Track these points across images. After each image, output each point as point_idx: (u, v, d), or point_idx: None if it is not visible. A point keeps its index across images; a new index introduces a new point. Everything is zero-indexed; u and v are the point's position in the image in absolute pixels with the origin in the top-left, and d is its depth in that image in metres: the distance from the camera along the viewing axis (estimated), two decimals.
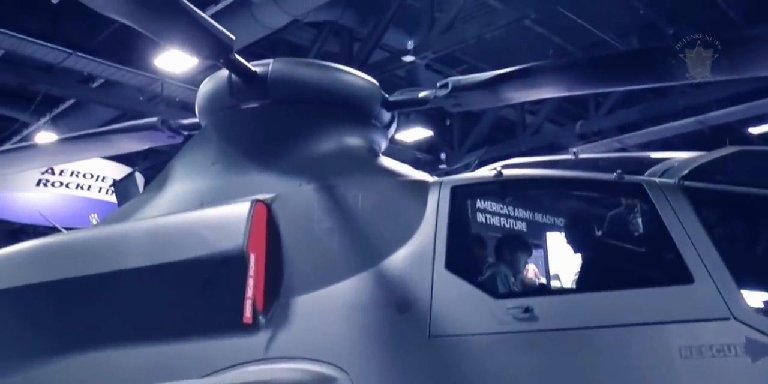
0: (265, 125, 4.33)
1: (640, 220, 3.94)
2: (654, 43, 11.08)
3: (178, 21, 3.58)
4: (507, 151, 14.38)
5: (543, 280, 7.35)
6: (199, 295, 3.58)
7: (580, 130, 14.04)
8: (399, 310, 3.23)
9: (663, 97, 12.98)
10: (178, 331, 3.57)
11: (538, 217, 12.97)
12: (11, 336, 4.09)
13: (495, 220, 11.56)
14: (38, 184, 14.57)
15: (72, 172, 14.63)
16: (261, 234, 3.57)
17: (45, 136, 12.58)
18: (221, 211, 3.74)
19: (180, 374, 3.32)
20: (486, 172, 3.79)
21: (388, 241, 3.46)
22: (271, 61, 4.41)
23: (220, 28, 3.78)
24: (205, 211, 3.84)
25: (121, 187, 5.70)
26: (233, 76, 4.34)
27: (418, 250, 3.37)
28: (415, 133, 13.96)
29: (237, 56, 4.08)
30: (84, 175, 14.68)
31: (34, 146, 5.44)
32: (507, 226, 11.70)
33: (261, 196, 3.74)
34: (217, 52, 3.91)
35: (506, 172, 3.61)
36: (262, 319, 3.42)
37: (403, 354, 3.16)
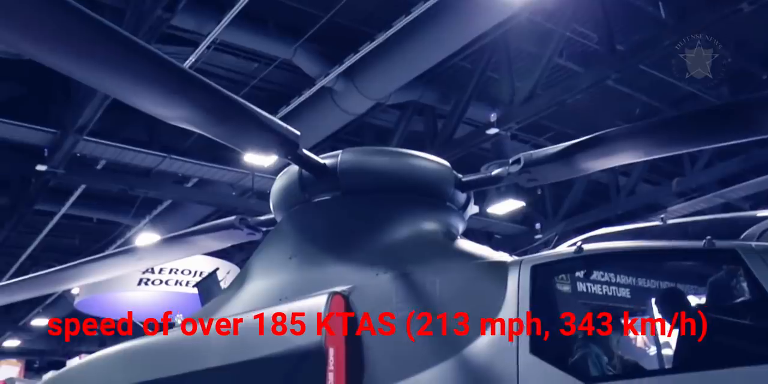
0: (339, 217, 4.33)
1: (738, 290, 3.64)
2: (747, 91, 10.69)
3: (244, 124, 3.67)
4: (602, 216, 13.96)
5: (652, 350, 6.87)
6: None
7: (677, 188, 13.51)
8: None
9: (763, 146, 12.43)
10: None
11: (641, 282, 12.32)
12: None
13: (596, 288, 11.06)
14: (139, 283, 15.06)
15: (171, 270, 15.09)
16: (339, 327, 3.52)
17: (146, 237, 13.00)
18: (299, 305, 3.71)
19: None
20: (566, 248, 3.62)
21: (469, 327, 3.34)
22: (339, 152, 4.43)
23: (285, 125, 3.85)
24: (283, 306, 3.82)
25: (204, 287, 5.82)
26: (303, 170, 4.37)
27: (501, 335, 3.23)
28: (508, 205, 13.72)
29: (305, 151, 4.13)
30: (182, 272, 15.08)
31: (126, 251, 5.64)
32: (608, 293, 11.15)
33: (338, 288, 3.71)
34: (284, 149, 3.96)
35: (587, 246, 3.45)
36: None
37: None
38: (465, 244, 4.11)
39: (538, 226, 15.02)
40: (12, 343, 25.11)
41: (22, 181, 12.72)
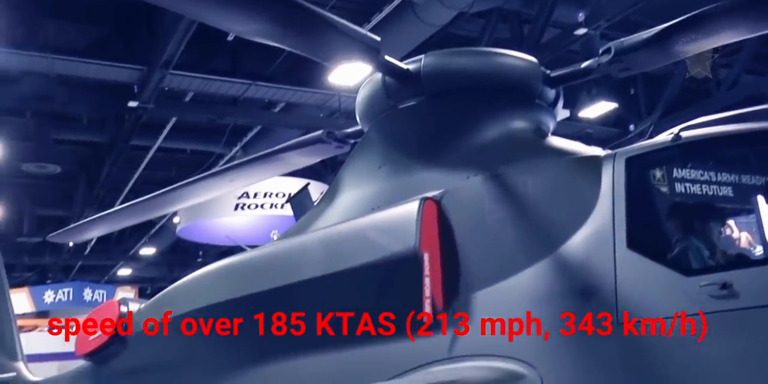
0: (425, 121, 4.25)
1: None
2: None
3: (323, 33, 3.59)
4: (702, 113, 13.32)
5: (758, 250, 6.49)
6: (378, 298, 3.59)
7: None
8: (583, 298, 3.02)
9: None
10: (361, 335, 3.58)
11: (744, 179, 11.73)
12: (206, 351, 4.39)
13: (695, 188, 10.61)
14: (236, 208, 15.50)
15: (265, 194, 15.44)
16: (433, 232, 3.49)
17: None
18: (391, 213, 3.71)
19: (366, 378, 3.30)
20: (664, 137, 3.41)
21: (563, 225, 3.26)
22: (422, 56, 4.31)
23: (365, 32, 3.76)
24: (376, 215, 3.83)
25: (297, 202, 5.85)
26: (387, 77, 4.29)
27: (597, 231, 3.14)
28: (599, 108, 13.27)
29: (387, 57, 4.02)
30: (276, 195, 15.40)
31: (218, 173, 5.70)
32: (707, 192, 10.69)
33: (430, 194, 3.67)
34: (366, 56, 3.86)
35: (686, 134, 3.24)
36: (443, 318, 3.35)
37: (591, 344, 2.94)
38: (556, 141, 3.99)
39: (632, 127, 14.52)
40: (125, 271, 26.64)
41: (116, 118, 13.13)
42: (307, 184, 6.65)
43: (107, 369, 5.32)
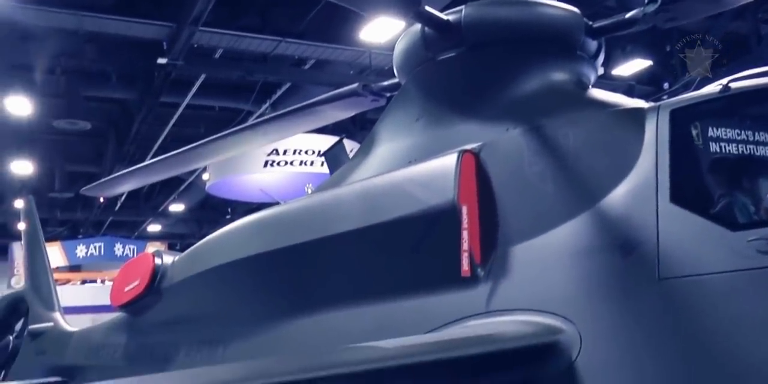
0: (465, 73, 4.15)
1: None
2: None
3: None
4: (741, 70, 13.01)
5: None
6: (415, 252, 3.54)
7: None
8: (623, 253, 2.91)
9: None
10: (397, 289, 3.55)
11: None
12: (241, 303, 4.40)
13: (741, 142, 10.30)
14: (265, 165, 15.54)
15: (295, 151, 15.44)
16: (471, 184, 3.42)
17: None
18: (429, 165, 3.64)
19: (402, 332, 3.21)
20: (711, 88, 3.25)
21: (605, 178, 3.15)
22: (462, 6, 4.18)
23: None
24: (413, 167, 3.76)
25: (331, 156, 5.75)
26: (426, 28, 4.19)
27: (639, 184, 3.02)
28: (634, 66, 13.02)
29: (427, 7, 3.92)
30: (306, 152, 15.41)
31: (251, 127, 5.63)
32: (756, 146, 10.37)
33: (468, 146, 3.59)
34: (404, 6, 3.78)
35: (736, 85, 3.06)
36: (480, 272, 3.27)
37: (632, 299, 2.84)
38: (598, 93, 3.85)
39: (666, 85, 14.23)
40: (154, 227, 27.05)
41: (146, 75, 13.11)
42: (342, 137, 6.56)
43: (142, 320, 5.39)
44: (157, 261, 5.16)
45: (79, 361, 6.34)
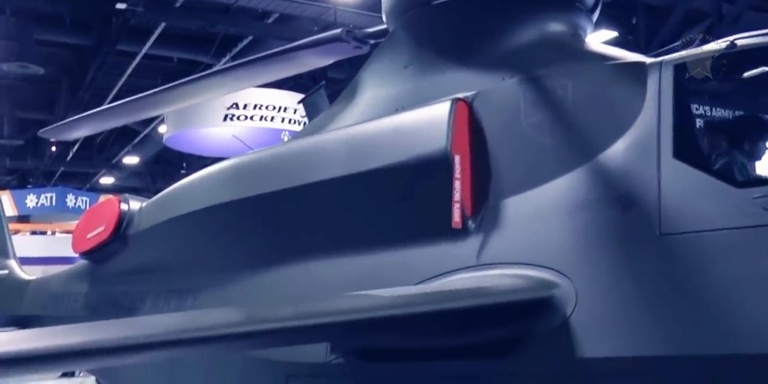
0: (460, 19, 4.02)
1: None
2: None
3: None
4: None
5: None
6: (403, 201, 3.44)
7: None
8: (624, 207, 2.87)
9: None
10: (384, 240, 3.46)
11: None
12: (213, 252, 4.25)
13: (745, 98, 10.25)
14: (225, 118, 15.28)
15: (255, 105, 15.19)
16: (464, 134, 3.34)
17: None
18: (420, 113, 3.55)
19: (389, 283, 3.13)
20: (714, 45, 3.16)
21: (604, 132, 3.10)
22: None
23: None
24: (403, 115, 3.66)
25: (310, 102, 5.59)
26: None
27: (640, 139, 2.97)
28: (600, 36, 13.03)
29: None
30: (267, 107, 15.18)
31: (218, 72, 5.38)
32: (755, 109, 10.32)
33: (461, 95, 3.50)
34: None
35: (742, 42, 3.00)
36: (471, 224, 3.21)
37: (631, 255, 2.79)
38: (597, 46, 3.76)
39: None
40: (107, 180, 26.51)
41: (103, 21, 12.71)
42: (322, 84, 6.35)
43: (106, 268, 5.21)
44: (124, 207, 4.97)
45: (36, 311, 6.17)
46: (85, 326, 2.48)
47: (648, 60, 3.32)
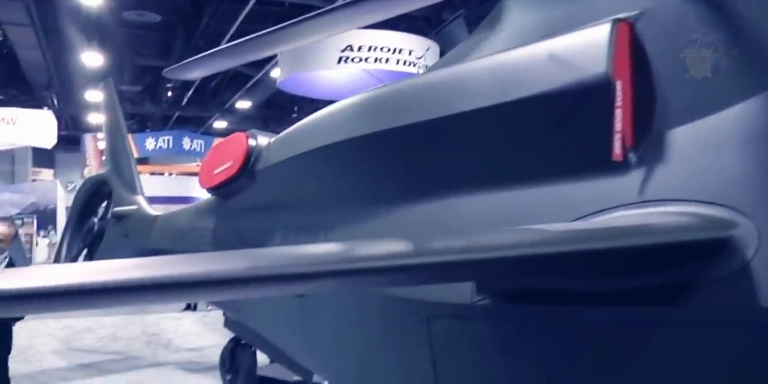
0: None
1: None
2: None
3: None
4: None
5: None
6: (558, 132, 3.14)
7: None
8: None
9: None
10: (536, 174, 3.16)
11: None
12: (347, 188, 4.05)
13: None
14: (339, 61, 15.08)
15: (370, 47, 14.91)
16: (627, 58, 2.98)
17: None
18: (575, 37, 3.19)
19: (542, 221, 2.81)
20: None
21: None
22: None
23: None
24: (556, 39, 3.27)
25: (447, 33, 5.22)
26: None
27: None
28: None
29: None
30: (382, 49, 14.89)
31: (331, 10, 5.12)
32: None
33: (622, 15, 3.10)
34: None
35: None
36: (634, 156, 2.86)
37: None
38: None
39: None
40: (220, 124, 27.26)
41: None
42: (461, 12, 5.95)
43: (233, 204, 5.13)
44: (252, 142, 4.81)
45: (165, 245, 6.24)
46: (230, 254, 2.32)
47: None
